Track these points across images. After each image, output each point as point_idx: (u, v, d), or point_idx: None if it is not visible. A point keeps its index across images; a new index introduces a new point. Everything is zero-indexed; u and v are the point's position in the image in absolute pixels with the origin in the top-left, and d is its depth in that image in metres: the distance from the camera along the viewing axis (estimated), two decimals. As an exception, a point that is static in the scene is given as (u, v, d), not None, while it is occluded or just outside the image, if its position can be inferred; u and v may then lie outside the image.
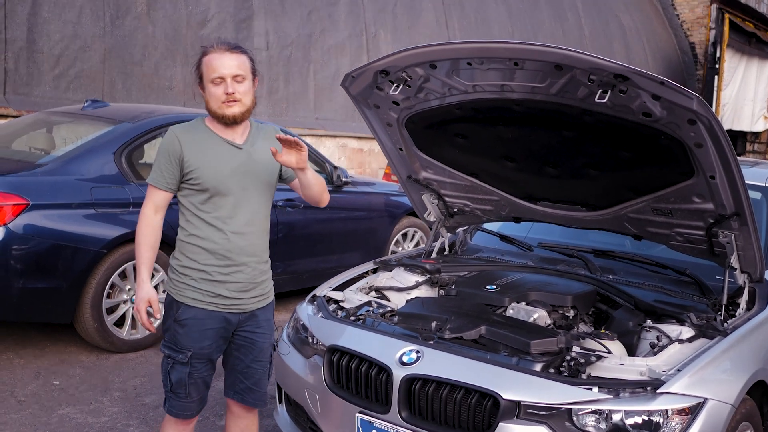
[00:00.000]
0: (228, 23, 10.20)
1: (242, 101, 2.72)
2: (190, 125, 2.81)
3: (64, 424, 3.92)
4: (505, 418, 2.57)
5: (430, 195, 3.99)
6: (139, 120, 5.37)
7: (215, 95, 2.69)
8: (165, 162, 2.73)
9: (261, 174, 2.83)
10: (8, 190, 4.50)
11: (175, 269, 2.81)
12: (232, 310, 2.81)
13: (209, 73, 2.69)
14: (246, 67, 2.74)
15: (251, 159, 2.80)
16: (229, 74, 2.67)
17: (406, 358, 2.81)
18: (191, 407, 2.88)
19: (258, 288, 2.87)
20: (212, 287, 2.76)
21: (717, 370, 2.74)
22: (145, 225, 2.77)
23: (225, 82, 2.68)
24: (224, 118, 2.72)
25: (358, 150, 11.84)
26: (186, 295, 2.77)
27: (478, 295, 3.39)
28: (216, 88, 2.69)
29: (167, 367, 2.83)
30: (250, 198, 2.80)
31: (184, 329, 2.77)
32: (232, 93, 2.68)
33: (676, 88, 2.59)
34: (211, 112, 2.75)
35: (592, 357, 2.73)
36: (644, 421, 2.53)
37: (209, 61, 2.70)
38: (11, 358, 4.82)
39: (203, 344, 2.79)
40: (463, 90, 3.16)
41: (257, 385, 2.97)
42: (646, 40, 19.51)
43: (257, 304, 2.89)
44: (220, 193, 2.74)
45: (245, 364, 2.92)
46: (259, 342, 2.92)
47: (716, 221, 3.12)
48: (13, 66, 8.03)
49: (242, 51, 2.76)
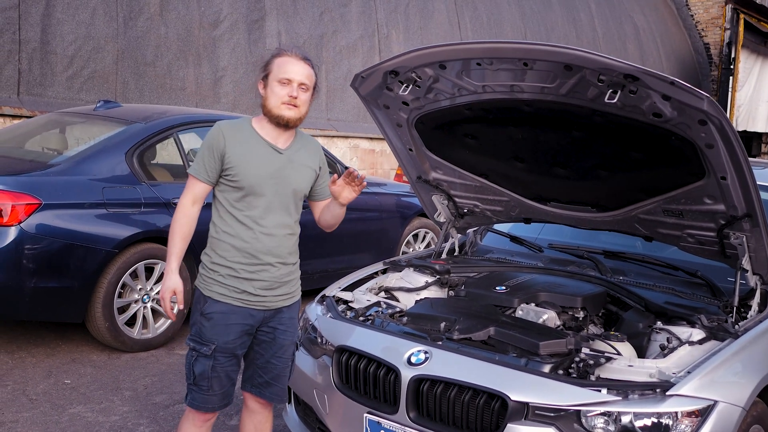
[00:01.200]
0: (240, 24, 10.23)
1: (300, 108, 2.83)
2: (237, 123, 2.89)
3: (74, 422, 3.94)
4: (513, 420, 2.56)
5: (440, 196, 3.99)
6: (151, 120, 5.40)
7: (278, 94, 2.79)
8: (208, 155, 2.81)
9: (296, 181, 2.90)
10: (21, 190, 4.53)
11: (205, 265, 2.89)
12: (257, 306, 2.87)
13: (279, 73, 2.79)
14: (312, 79, 2.86)
15: (290, 165, 2.87)
16: (298, 80, 2.79)
17: (415, 359, 2.81)
18: (213, 400, 2.90)
19: (284, 287, 2.93)
20: (238, 284, 2.83)
21: (728, 373, 2.71)
22: (181, 215, 2.84)
23: (291, 85, 2.79)
24: (278, 119, 2.81)
25: (369, 151, 11.85)
26: (213, 290, 2.84)
27: (487, 296, 3.38)
28: (282, 87, 2.78)
29: (191, 359, 2.88)
30: (282, 202, 2.87)
31: (209, 323, 2.83)
32: (296, 97, 2.79)
33: (686, 89, 2.57)
34: (266, 110, 2.83)
35: (602, 358, 2.72)
36: (653, 423, 2.51)
37: (282, 62, 2.81)
38: (23, 357, 4.85)
39: (228, 338, 2.84)
40: (473, 90, 3.15)
41: (276, 380, 3.01)
42: (660, 40, 19.42)
43: (283, 302, 2.94)
44: (255, 193, 2.81)
45: (265, 359, 2.97)
46: (280, 339, 2.96)
47: (728, 222, 3.09)
48: (26, 67, 8.08)
49: (312, 65, 2.88)
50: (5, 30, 7.89)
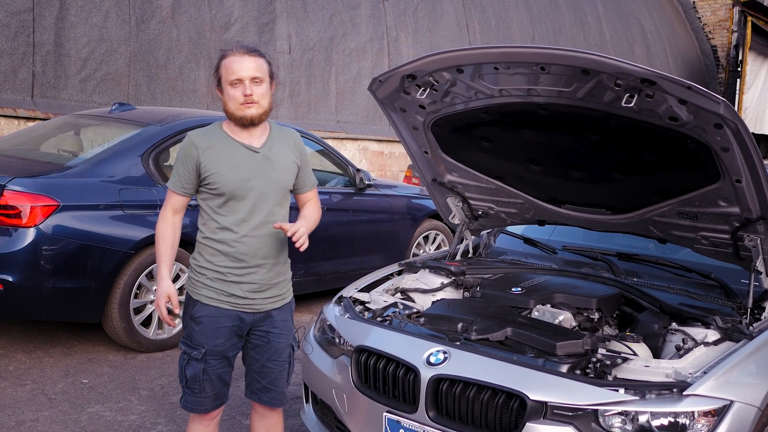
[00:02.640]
0: (251, 27, 10.29)
1: (260, 103, 2.75)
2: (207, 130, 2.84)
3: (94, 421, 3.99)
4: (532, 419, 2.60)
5: (455, 198, 4.02)
6: (165, 123, 5.45)
7: (233, 97, 2.72)
8: (182, 167, 2.78)
9: (277, 178, 2.85)
10: (39, 192, 4.58)
11: (194, 268, 2.88)
12: (246, 309, 2.86)
13: (228, 75, 2.72)
14: (264, 69, 2.77)
15: (268, 163, 2.82)
16: (248, 76, 2.70)
17: (434, 359, 2.85)
18: (205, 402, 2.91)
19: (273, 289, 2.91)
20: (226, 287, 2.82)
21: (743, 373, 2.74)
22: (163, 225, 2.84)
23: (243, 84, 2.70)
24: (242, 120, 2.75)
25: (378, 153, 11.89)
26: (201, 293, 2.83)
27: (503, 297, 3.41)
28: (234, 90, 2.71)
29: (183, 362, 2.89)
30: (266, 201, 2.83)
31: (199, 326, 2.83)
32: (250, 95, 2.71)
33: (703, 93, 2.61)
34: (229, 114, 2.78)
35: (618, 359, 2.75)
36: (670, 422, 2.54)
37: (228, 63, 2.73)
38: (41, 356, 4.91)
39: (217, 341, 2.83)
40: (489, 94, 3.19)
41: (273, 384, 3.00)
42: (668, 43, 19.43)
43: (272, 304, 2.92)
44: (237, 197, 2.78)
45: (261, 363, 2.97)
46: (274, 342, 2.95)
47: (742, 225, 3.12)
48: (40, 69, 8.15)
49: (260, 54, 2.79)
50: (20, 33, 7.96)
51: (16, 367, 4.68)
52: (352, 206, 6.52)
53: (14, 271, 4.52)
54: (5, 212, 4.51)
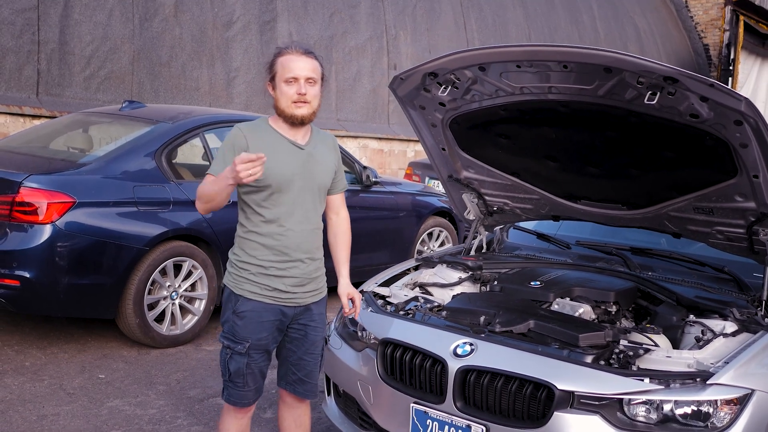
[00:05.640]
0: (253, 25, 10.33)
1: (311, 103, 2.81)
2: (254, 124, 2.90)
3: (114, 415, 4.04)
4: (559, 408, 2.66)
5: (471, 194, 4.08)
6: (177, 120, 5.49)
7: (287, 94, 2.78)
8: (230, 154, 2.78)
9: (319, 176, 2.93)
10: (56, 189, 4.62)
11: (235, 264, 2.91)
12: (288, 303, 2.90)
13: (284, 73, 2.78)
14: (318, 71, 2.83)
15: (312, 160, 2.89)
16: (303, 76, 2.77)
17: (461, 350, 2.91)
18: (248, 396, 2.97)
19: (313, 283, 2.96)
20: (269, 281, 2.86)
21: (762, 363, 2.81)
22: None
23: (298, 83, 2.77)
24: (292, 118, 2.81)
25: (378, 151, 11.94)
26: (245, 288, 2.87)
27: (523, 290, 3.48)
28: (289, 87, 2.77)
29: (226, 357, 2.92)
30: (306, 197, 2.89)
31: (242, 321, 2.87)
32: (304, 94, 2.77)
33: (725, 90, 2.68)
34: (279, 110, 2.83)
35: (641, 350, 2.82)
36: (694, 411, 2.62)
37: (285, 61, 2.79)
38: (55, 352, 4.94)
39: (261, 335, 2.88)
40: (510, 92, 3.24)
41: (308, 377, 3.06)
42: (661, 42, 19.56)
43: (312, 298, 2.98)
44: (281, 191, 2.82)
45: (298, 356, 3.02)
46: (311, 335, 3.01)
47: (757, 219, 3.20)
48: (45, 67, 8.17)
49: (315, 56, 2.86)
50: (25, 31, 7.98)
51: (32, 363, 4.72)
52: (358, 203, 6.57)
53: (31, 268, 4.55)
54: (22, 209, 4.54)
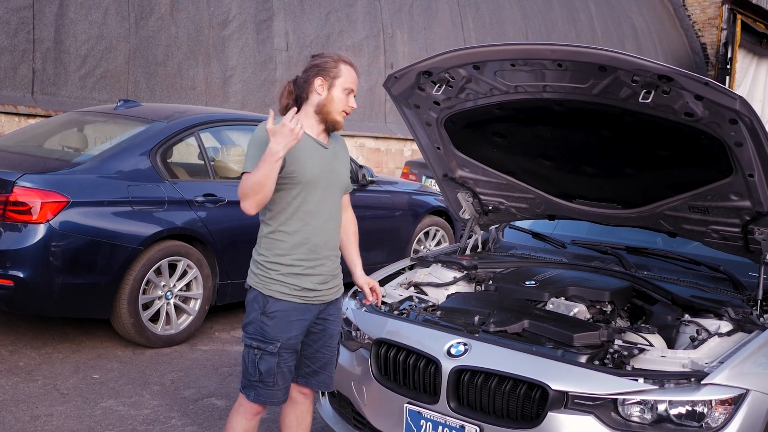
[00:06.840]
0: (249, 24, 10.31)
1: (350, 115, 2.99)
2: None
3: (108, 416, 4.02)
4: (553, 408, 2.65)
5: (466, 193, 4.06)
6: (172, 120, 5.47)
7: (342, 102, 2.90)
8: (260, 151, 2.76)
9: (342, 175, 3.03)
10: (50, 188, 4.60)
11: (261, 264, 2.92)
12: (314, 301, 2.95)
13: (346, 82, 2.90)
14: None
15: (335, 158, 2.99)
16: (355, 90, 2.94)
17: (454, 350, 2.90)
18: (278, 395, 2.98)
19: (335, 280, 3.03)
20: (298, 281, 2.89)
21: (757, 363, 2.81)
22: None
23: (352, 96, 2.92)
24: (335, 123, 2.93)
25: (375, 150, 11.93)
26: (274, 289, 2.89)
27: (517, 290, 3.47)
28: (346, 97, 2.91)
29: (255, 358, 2.92)
30: (331, 195, 2.96)
31: (272, 321, 2.89)
32: (353, 107, 2.93)
33: (720, 89, 2.67)
34: (325, 112, 2.89)
35: (635, 349, 2.81)
36: (688, 411, 2.61)
37: (349, 72, 2.92)
38: (50, 352, 4.92)
39: (290, 335, 2.91)
40: (505, 90, 3.23)
41: (324, 369, 3.09)
42: (658, 40, 19.56)
43: (334, 294, 3.04)
44: (311, 188, 2.88)
45: (314, 349, 3.05)
46: (330, 329, 3.06)
47: (753, 218, 3.19)
48: (41, 66, 8.15)
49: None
50: (20, 30, 7.95)
51: (26, 363, 4.70)
52: (354, 202, 6.51)
53: (25, 268, 4.54)
54: (16, 208, 4.53)
